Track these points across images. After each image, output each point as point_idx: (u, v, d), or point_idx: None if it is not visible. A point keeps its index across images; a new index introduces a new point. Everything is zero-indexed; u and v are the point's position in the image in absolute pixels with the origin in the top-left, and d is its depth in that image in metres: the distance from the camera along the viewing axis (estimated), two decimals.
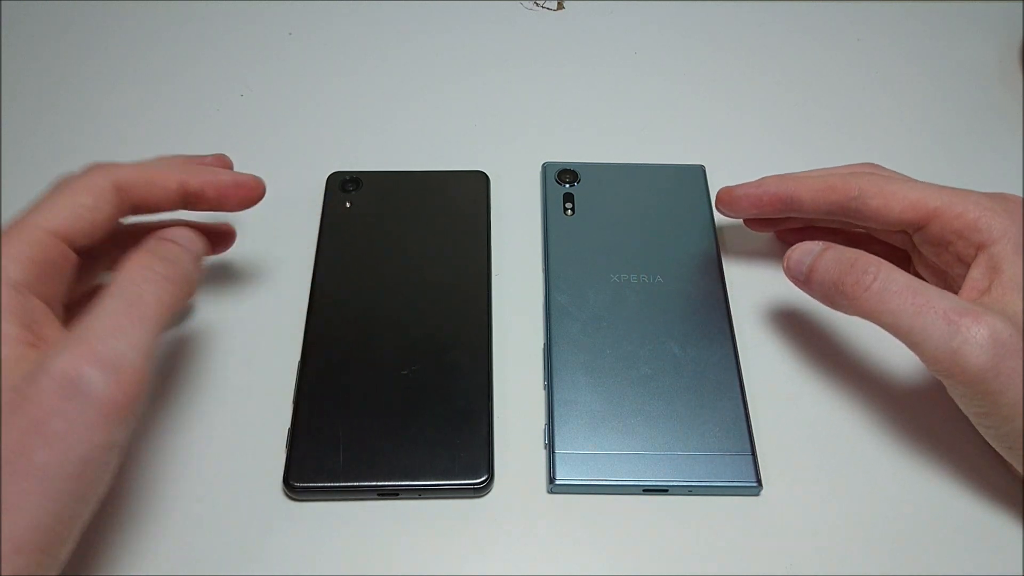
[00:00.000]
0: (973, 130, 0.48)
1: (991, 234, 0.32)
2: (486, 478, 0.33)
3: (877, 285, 0.30)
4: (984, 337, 0.28)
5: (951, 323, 0.29)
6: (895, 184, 0.34)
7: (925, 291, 0.30)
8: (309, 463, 0.33)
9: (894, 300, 0.30)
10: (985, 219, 0.32)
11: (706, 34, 0.53)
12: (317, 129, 0.47)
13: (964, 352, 0.28)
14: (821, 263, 0.33)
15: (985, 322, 0.28)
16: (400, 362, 0.36)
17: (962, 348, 0.28)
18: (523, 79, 0.50)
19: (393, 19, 0.53)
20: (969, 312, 0.29)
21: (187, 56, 0.51)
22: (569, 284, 0.39)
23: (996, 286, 0.31)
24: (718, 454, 0.33)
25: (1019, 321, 0.29)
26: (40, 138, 0.46)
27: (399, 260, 0.39)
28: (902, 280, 0.30)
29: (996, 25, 0.53)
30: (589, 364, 0.36)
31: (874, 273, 0.31)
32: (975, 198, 0.33)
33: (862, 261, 0.31)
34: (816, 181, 0.36)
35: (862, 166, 0.37)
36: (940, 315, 0.29)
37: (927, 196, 0.33)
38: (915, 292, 0.30)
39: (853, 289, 0.31)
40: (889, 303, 0.30)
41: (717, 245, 0.40)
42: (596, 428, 0.34)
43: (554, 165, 0.43)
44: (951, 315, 0.29)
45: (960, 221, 0.32)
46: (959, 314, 0.29)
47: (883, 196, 0.34)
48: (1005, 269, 0.31)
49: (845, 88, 0.50)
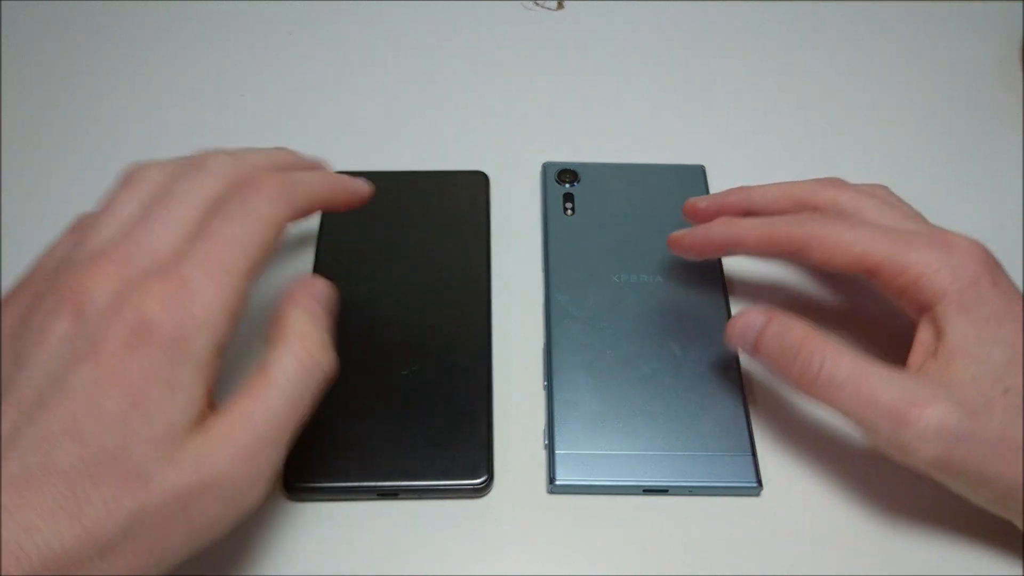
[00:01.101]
0: (973, 130, 0.48)
1: (933, 294, 0.30)
2: (486, 478, 0.33)
3: (823, 377, 0.29)
4: (932, 431, 0.28)
5: (897, 420, 0.28)
6: (838, 234, 0.32)
7: (870, 380, 0.29)
8: (308, 463, 0.33)
9: (840, 394, 0.29)
10: (927, 278, 0.30)
11: (706, 34, 0.53)
12: (316, 129, 0.47)
13: (914, 447, 0.28)
14: (763, 343, 0.32)
15: (931, 413, 0.28)
16: (400, 362, 0.36)
17: (911, 444, 0.28)
18: (523, 79, 0.50)
19: (393, 19, 0.53)
20: (915, 403, 0.28)
21: (187, 56, 0.51)
22: (569, 284, 0.39)
23: (942, 351, 0.30)
24: (718, 454, 0.33)
25: (965, 396, 0.28)
26: (40, 138, 0.46)
27: (399, 260, 0.39)
28: (846, 368, 0.29)
29: (996, 25, 0.53)
30: (589, 364, 0.36)
31: (819, 364, 0.30)
32: (919, 251, 0.31)
33: (805, 351, 0.30)
34: (761, 229, 0.34)
35: (820, 186, 0.35)
36: (885, 411, 0.28)
37: (869, 250, 0.31)
38: (860, 382, 0.29)
39: (800, 380, 0.30)
40: (836, 397, 0.29)
41: None
42: (596, 428, 0.34)
43: (554, 165, 0.43)
44: (896, 410, 0.28)
45: (902, 279, 0.31)
46: (906, 405, 0.28)
47: (824, 250, 0.32)
48: (948, 333, 0.29)
49: (845, 88, 0.50)
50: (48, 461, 0.22)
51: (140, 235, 0.26)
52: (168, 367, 0.24)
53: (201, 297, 0.25)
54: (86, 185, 0.44)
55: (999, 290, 0.30)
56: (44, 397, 0.23)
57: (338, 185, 0.33)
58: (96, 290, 0.24)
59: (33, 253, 0.41)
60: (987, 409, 0.28)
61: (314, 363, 0.27)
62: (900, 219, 0.33)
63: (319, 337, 0.28)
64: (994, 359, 0.29)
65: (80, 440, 0.23)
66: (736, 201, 0.37)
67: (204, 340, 0.25)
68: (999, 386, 0.28)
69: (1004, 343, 0.29)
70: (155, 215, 0.27)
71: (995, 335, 0.29)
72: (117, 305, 0.24)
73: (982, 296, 0.30)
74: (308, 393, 0.27)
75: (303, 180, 0.30)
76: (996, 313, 0.29)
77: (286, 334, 0.27)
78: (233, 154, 0.30)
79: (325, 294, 0.30)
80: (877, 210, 0.34)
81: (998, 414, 0.28)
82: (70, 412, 0.23)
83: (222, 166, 0.29)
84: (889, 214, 0.34)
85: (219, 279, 0.26)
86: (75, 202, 0.43)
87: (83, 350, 0.24)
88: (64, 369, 0.24)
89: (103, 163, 0.45)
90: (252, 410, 0.25)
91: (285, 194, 0.28)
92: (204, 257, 0.26)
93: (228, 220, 0.27)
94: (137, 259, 0.25)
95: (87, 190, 0.44)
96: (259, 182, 0.28)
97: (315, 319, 0.28)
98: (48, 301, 0.25)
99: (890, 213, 0.34)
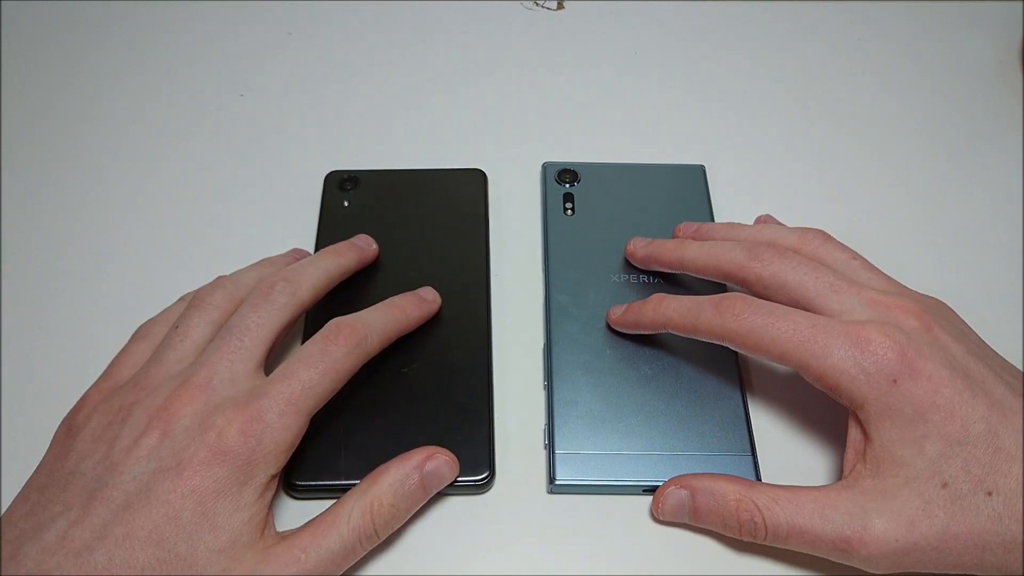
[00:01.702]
0: (973, 130, 0.48)
1: (852, 400, 0.30)
2: (487, 475, 0.33)
3: (770, 534, 0.30)
4: (875, 556, 0.28)
5: (843, 552, 0.28)
6: (757, 334, 0.31)
7: (808, 519, 0.29)
8: (310, 462, 0.33)
9: (788, 542, 0.29)
10: (844, 385, 0.29)
11: (706, 34, 0.53)
12: (316, 128, 0.47)
13: (866, 569, 0.29)
14: (701, 515, 0.31)
15: (870, 539, 0.28)
16: (400, 361, 0.36)
17: (863, 567, 0.29)
18: (523, 79, 0.50)
19: (392, 19, 0.53)
20: (855, 530, 0.28)
21: (187, 56, 0.51)
22: (569, 284, 0.39)
23: (870, 455, 0.29)
24: (718, 454, 0.33)
25: (902, 506, 0.28)
26: (40, 138, 0.46)
27: (397, 258, 0.39)
28: (784, 515, 0.29)
29: (996, 25, 0.53)
30: (589, 364, 0.36)
31: (760, 522, 0.30)
32: (836, 353, 0.29)
33: (744, 513, 0.30)
34: (686, 319, 0.33)
35: (747, 256, 0.34)
36: (830, 546, 0.28)
37: (788, 351, 0.30)
38: (800, 525, 0.29)
39: (750, 536, 0.30)
40: (785, 544, 0.30)
41: None
42: (596, 428, 0.34)
43: (554, 165, 0.43)
44: (839, 542, 0.28)
45: (822, 384, 0.30)
46: (848, 534, 0.28)
47: (746, 347, 0.32)
48: (874, 438, 0.29)
49: (845, 88, 0.50)
50: (131, 559, 0.26)
51: (217, 363, 0.30)
52: (236, 487, 0.28)
53: (272, 433, 0.29)
54: (86, 185, 0.44)
55: (922, 379, 0.28)
56: (131, 500, 0.27)
57: (399, 313, 0.35)
58: (183, 411, 0.28)
59: (32, 256, 0.41)
60: (927, 513, 0.27)
61: (373, 532, 0.29)
62: (826, 291, 0.32)
63: (391, 511, 0.30)
64: (927, 455, 0.28)
65: (160, 545, 0.26)
66: (670, 261, 0.37)
67: (268, 468, 0.29)
68: (936, 481, 0.28)
69: (934, 436, 0.28)
70: (230, 346, 0.31)
71: (923, 431, 0.28)
72: (201, 429, 0.28)
73: (903, 395, 0.29)
74: (360, 549, 0.29)
75: (377, 324, 0.33)
76: (920, 409, 0.28)
77: (369, 489, 0.30)
78: (289, 280, 0.33)
79: (439, 472, 0.31)
80: (800, 284, 0.32)
81: (939, 514, 0.27)
82: (152, 519, 0.26)
83: (281, 295, 0.33)
84: (813, 285, 0.32)
85: (289, 420, 0.29)
86: (75, 202, 0.43)
87: (168, 463, 0.27)
88: (150, 478, 0.27)
89: (103, 163, 0.45)
90: (310, 546, 0.28)
91: (359, 342, 0.32)
92: (280, 397, 0.29)
93: (307, 367, 0.30)
94: (218, 387, 0.29)
95: (87, 190, 0.44)
96: (338, 331, 0.32)
97: (404, 491, 0.30)
98: (139, 416, 0.29)
99: (814, 284, 0.32)
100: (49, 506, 0.27)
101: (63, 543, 0.26)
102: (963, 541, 0.27)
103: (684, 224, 0.39)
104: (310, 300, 0.34)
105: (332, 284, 0.36)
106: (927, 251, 0.42)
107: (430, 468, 0.31)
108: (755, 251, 0.34)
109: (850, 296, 0.31)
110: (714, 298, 0.33)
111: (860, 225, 0.42)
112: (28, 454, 0.31)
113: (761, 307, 0.32)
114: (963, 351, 0.30)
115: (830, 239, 0.35)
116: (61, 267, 0.41)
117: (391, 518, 0.30)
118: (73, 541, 0.26)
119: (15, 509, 0.28)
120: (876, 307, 0.31)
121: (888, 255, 0.35)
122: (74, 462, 0.28)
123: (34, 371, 0.37)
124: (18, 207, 0.43)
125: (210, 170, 0.45)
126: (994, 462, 0.27)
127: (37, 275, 0.40)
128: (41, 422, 0.32)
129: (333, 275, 0.36)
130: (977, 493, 0.27)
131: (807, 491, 0.30)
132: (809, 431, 0.35)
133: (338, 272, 0.36)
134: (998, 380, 0.29)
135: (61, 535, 0.26)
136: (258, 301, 0.32)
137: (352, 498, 0.29)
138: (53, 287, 0.40)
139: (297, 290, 0.33)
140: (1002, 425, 0.28)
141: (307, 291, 0.34)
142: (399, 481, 0.30)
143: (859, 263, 0.34)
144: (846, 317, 0.31)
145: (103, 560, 0.26)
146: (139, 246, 0.41)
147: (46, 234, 0.42)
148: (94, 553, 0.26)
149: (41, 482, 0.29)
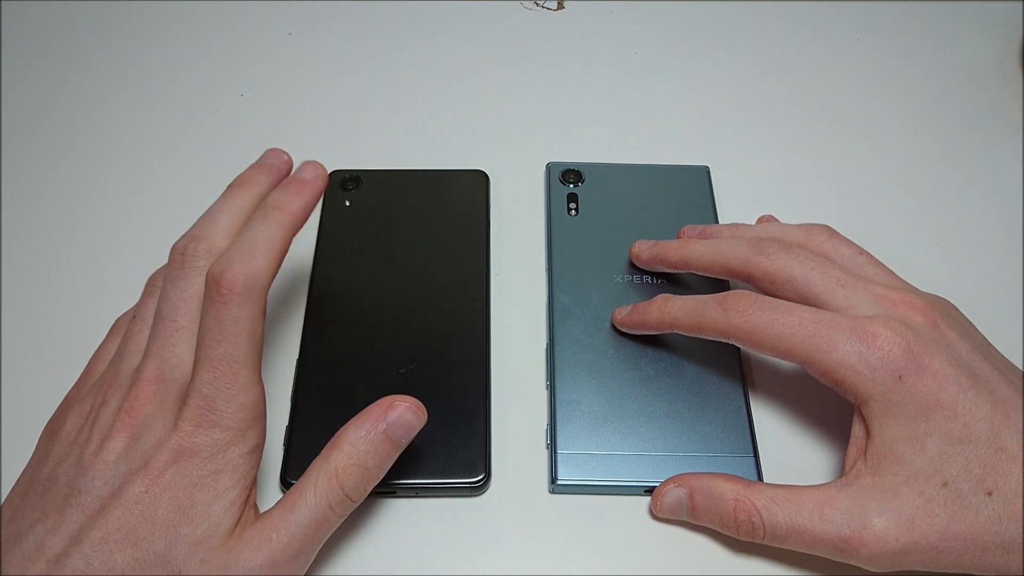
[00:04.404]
0: (973, 130, 0.48)
1: (857, 395, 0.29)
2: (483, 476, 0.33)
3: (768, 534, 0.30)
4: (875, 555, 0.28)
5: (843, 551, 0.28)
6: (762, 329, 0.31)
7: (807, 519, 0.29)
8: (307, 461, 0.32)
9: (787, 542, 0.29)
10: (849, 380, 0.29)
11: (707, 34, 0.53)
12: (317, 128, 0.47)
13: (866, 568, 0.29)
14: (699, 513, 0.31)
15: (870, 538, 0.28)
16: (397, 361, 0.36)
17: (862, 566, 0.28)
18: (524, 79, 0.50)
19: (393, 19, 0.53)
20: (854, 529, 0.28)
21: (187, 56, 0.51)
22: (572, 284, 0.39)
23: (871, 452, 0.29)
24: (720, 455, 0.33)
25: (902, 503, 0.28)
26: (41, 137, 0.46)
27: (398, 258, 0.39)
28: (782, 516, 0.29)
29: (996, 25, 0.53)
30: (592, 364, 0.36)
31: (759, 524, 0.30)
32: (841, 348, 0.29)
33: (741, 513, 0.30)
34: (691, 318, 0.33)
35: (753, 252, 0.34)
36: (830, 545, 0.28)
37: (792, 347, 0.30)
38: (799, 525, 0.29)
39: (749, 536, 0.30)
40: (784, 544, 0.30)
41: None
42: (598, 428, 0.34)
43: (558, 165, 0.43)
44: (839, 541, 0.28)
45: (828, 379, 0.30)
46: (847, 534, 0.28)
47: (751, 343, 0.32)
48: (876, 435, 0.29)
49: (845, 88, 0.50)
50: (109, 562, 0.26)
51: (161, 352, 0.29)
52: (211, 477, 0.27)
53: (226, 415, 0.28)
54: (86, 185, 0.44)
55: (927, 376, 0.28)
56: (104, 504, 0.27)
57: (281, 217, 0.31)
58: (143, 411, 0.28)
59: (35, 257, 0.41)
60: (927, 512, 0.27)
61: (344, 496, 0.28)
62: (832, 285, 0.32)
63: (358, 471, 0.29)
64: (928, 453, 0.28)
65: (137, 545, 0.26)
66: (675, 260, 0.37)
67: (238, 449, 0.28)
68: (937, 480, 0.28)
69: (936, 434, 0.28)
70: (166, 331, 0.29)
71: (925, 428, 0.28)
72: (163, 426, 0.28)
73: (907, 392, 0.28)
74: (334, 516, 0.29)
75: (260, 248, 0.29)
76: (923, 406, 0.28)
77: (330, 454, 0.29)
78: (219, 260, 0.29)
79: (402, 420, 0.29)
80: (806, 279, 0.32)
81: (940, 512, 0.27)
82: (127, 521, 0.26)
83: (195, 257, 0.30)
84: (819, 280, 0.32)
85: (237, 395, 0.28)
86: (75, 203, 0.43)
87: (136, 464, 0.27)
88: (121, 481, 0.27)
89: (103, 162, 0.45)
90: (280, 524, 0.28)
91: (248, 287, 0.28)
92: (219, 382, 0.28)
93: (218, 342, 0.28)
94: (168, 377, 0.29)
95: (87, 190, 0.44)
96: (217, 288, 0.28)
97: (368, 447, 0.29)
98: (105, 418, 0.29)
99: (820, 279, 0.32)
100: (29, 512, 0.27)
101: (42, 550, 0.26)
102: (963, 541, 0.27)
103: (688, 227, 0.39)
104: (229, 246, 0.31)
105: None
106: (927, 251, 0.42)
107: (393, 418, 0.29)
108: (761, 246, 0.34)
109: (856, 291, 0.31)
110: (718, 296, 0.33)
111: (861, 225, 0.42)
112: (28, 454, 0.30)
113: (766, 303, 0.32)
114: (969, 349, 0.30)
115: (836, 235, 0.35)
116: (61, 267, 0.41)
117: (361, 479, 0.29)
118: (52, 548, 0.26)
119: (2, 514, 0.28)
120: (882, 302, 0.31)
121: (889, 255, 0.35)
122: (51, 467, 0.28)
123: (34, 371, 0.37)
124: (18, 207, 0.43)
125: (210, 170, 0.45)
126: (995, 462, 0.27)
127: (37, 275, 0.40)
128: (41, 422, 0.32)
129: (248, 211, 0.32)
130: (977, 493, 0.27)
131: (806, 490, 0.30)
132: (812, 432, 0.35)
133: (252, 206, 0.32)
134: (1003, 379, 0.29)
135: (39, 542, 0.26)
136: (176, 273, 0.30)
137: (316, 467, 0.29)
138: (53, 287, 0.40)
139: (212, 245, 0.30)
140: (1005, 425, 0.28)
141: (222, 239, 0.31)
142: (360, 439, 0.29)
143: (865, 258, 0.34)
144: (852, 312, 0.31)
145: (81, 564, 0.26)
146: (139, 246, 0.41)
147: (46, 234, 0.42)
148: (71, 559, 0.26)
149: (24, 487, 0.29)
